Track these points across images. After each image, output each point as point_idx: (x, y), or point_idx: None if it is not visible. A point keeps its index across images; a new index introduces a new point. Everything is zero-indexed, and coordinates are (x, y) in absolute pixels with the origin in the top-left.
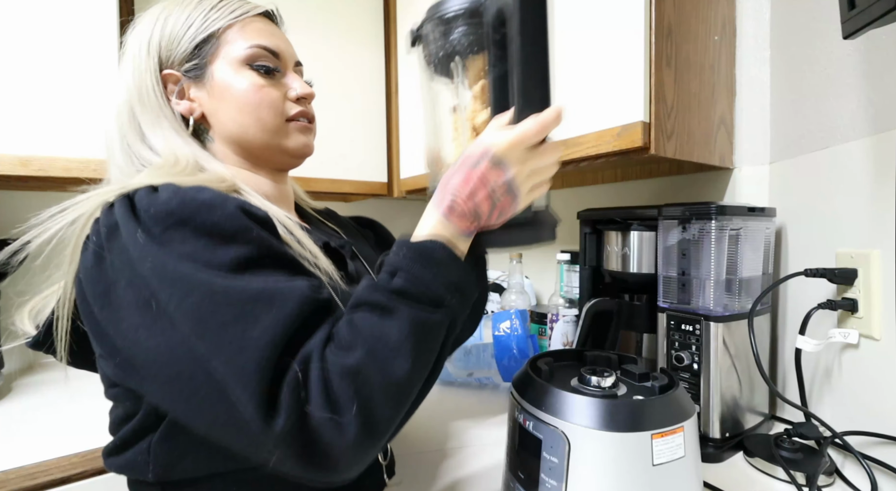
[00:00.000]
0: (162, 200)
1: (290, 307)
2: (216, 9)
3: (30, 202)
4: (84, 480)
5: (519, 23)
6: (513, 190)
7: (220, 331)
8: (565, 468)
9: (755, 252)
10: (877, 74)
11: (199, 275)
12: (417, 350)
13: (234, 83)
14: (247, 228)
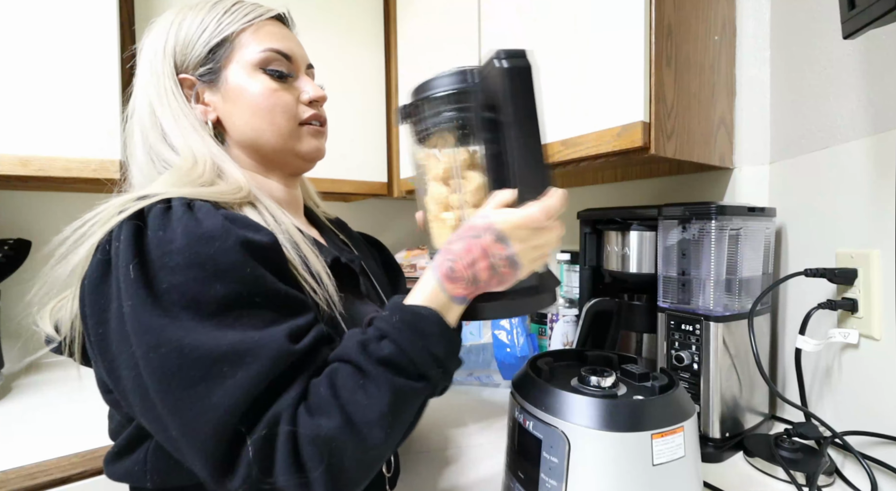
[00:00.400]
0: (170, 226)
1: (258, 366)
2: (229, 13)
3: (30, 202)
4: (84, 480)
5: (512, 110)
6: (515, 263)
7: (181, 392)
8: (565, 468)
9: (755, 252)
10: (877, 74)
11: (171, 328)
12: (395, 420)
13: (247, 87)
14: (241, 265)
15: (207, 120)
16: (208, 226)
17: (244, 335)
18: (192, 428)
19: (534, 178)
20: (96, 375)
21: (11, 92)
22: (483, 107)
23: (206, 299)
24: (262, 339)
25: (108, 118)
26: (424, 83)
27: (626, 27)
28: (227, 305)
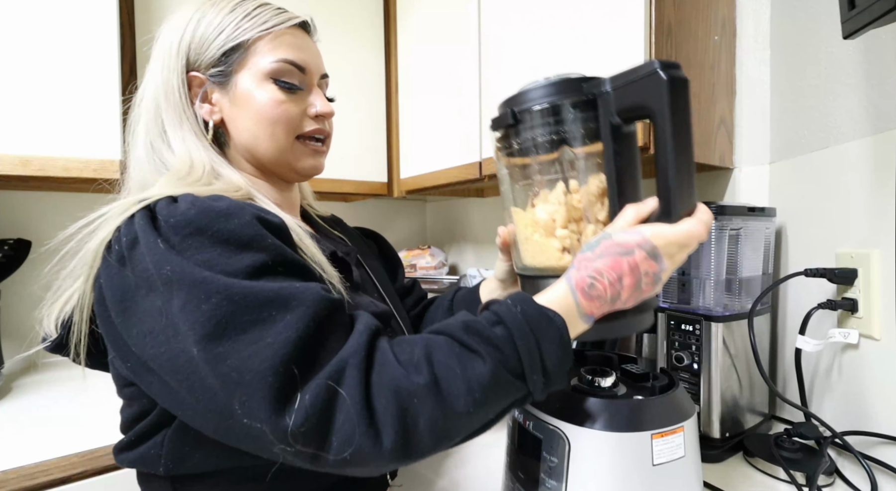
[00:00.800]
0: (181, 210)
1: (304, 309)
2: (249, 17)
3: (30, 202)
4: (84, 480)
5: (670, 123)
6: (658, 280)
7: (236, 336)
8: (565, 468)
9: (755, 252)
10: (877, 74)
11: (218, 279)
12: (481, 403)
13: (255, 95)
14: (262, 236)
15: (211, 120)
16: (223, 205)
17: (285, 283)
18: (249, 365)
19: (687, 192)
20: (113, 371)
21: (11, 92)
22: (616, 116)
23: (233, 270)
24: (302, 286)
25: (108, 118)
26: (529, 91)
27: (626, 27)
28: (254, 273)
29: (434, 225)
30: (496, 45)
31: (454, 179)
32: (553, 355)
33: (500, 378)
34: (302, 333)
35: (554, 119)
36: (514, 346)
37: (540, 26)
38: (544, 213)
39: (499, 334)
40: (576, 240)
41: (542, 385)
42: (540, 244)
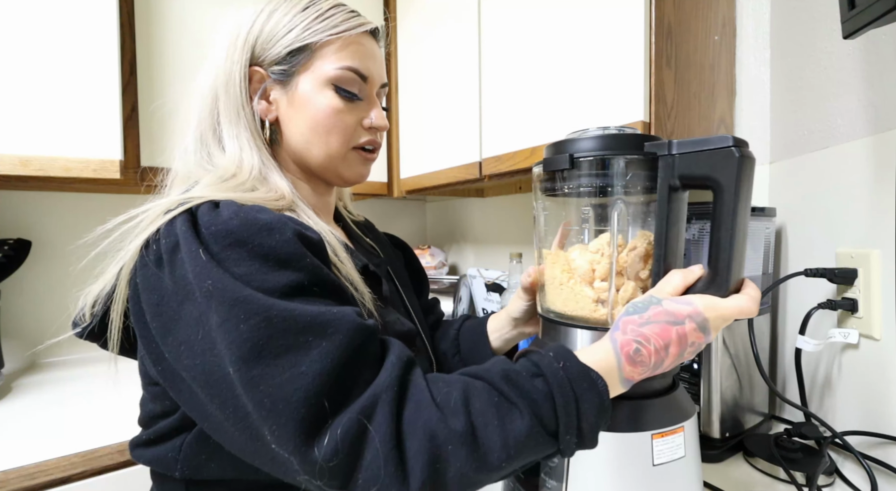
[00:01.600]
0: (223, 219)
1: (340, 337)
2: (321, 19)
3: (30, 202)
4: (84, 480)
5: (735, 198)
6: (699, 350)
7: (271, 361)
8: (565, 468)
9: (755, 252)
10: (877, 74)
11: (259, 299)
12: (513, 458)
13: (313, 100)
14: (301, 255)
15: (266, 119)
16: (266, 218)
17: (322, 308)
18: (282, 394)
19: (739, 268)
20: (140, 367)
21: (11, 92)
22: (677, 180)
23: (269, 288)
24: (339, 312)
25: (108, 118)
26: (588, 138)
27: (626, 27)
28: (290, 293)
29: (434, 225)
30: (496, 45)
31: (454, 179)
32: (591, 418)
33: (534, 434)
34: (336, 362)
35: (609, 171)
36: (552, 403)
37: (540, 26)
38: (584, 262)
39: (539, 388)
40: (615, 294)
41: (574, 445)
42: (574, 292)
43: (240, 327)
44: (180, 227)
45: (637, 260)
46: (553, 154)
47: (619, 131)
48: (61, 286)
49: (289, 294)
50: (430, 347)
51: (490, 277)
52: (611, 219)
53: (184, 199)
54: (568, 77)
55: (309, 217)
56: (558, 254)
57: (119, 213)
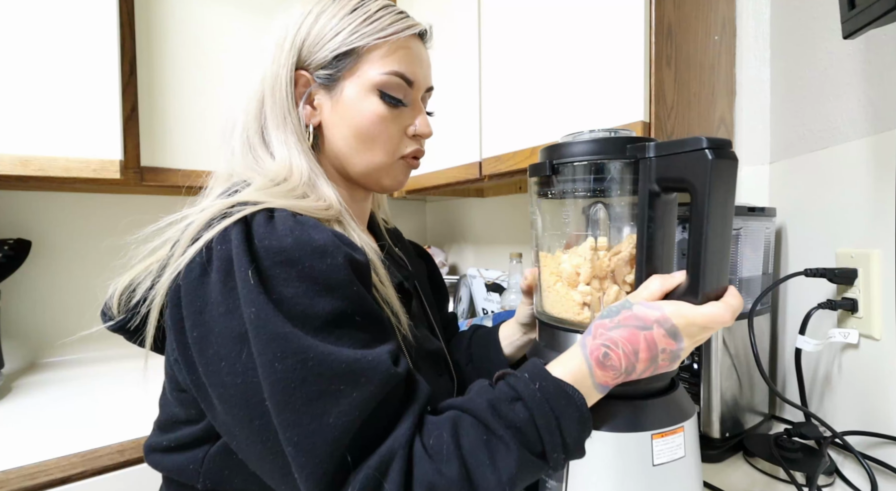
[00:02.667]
0: (277, 235)
1: (371, 387)
2: (368, 21)
3: (30, 202)
4: (84, 480)
5: (710, 201)
6: (676, 358)
7: (302, 406)
8: (565, 468)
9: (755, 252)
10: (877, 74)
11: (298, 337)
12: (511, 487)
13: (358, 106)
14: (349, 283)
15: (310, 123)
16: (320, 240)
17: (358, 354)
18: (308, 445)
19: (716, 273)
20: (168, 368)
21: (11, 92)
22: (655, 184)
23: (314, 314)
24: (374, 359)
25: (108, 118)
26: (572, 143)
27: (626, 27)
28: (332, 321)
29: (434, 225)
30: (496, 45)
31: (454, 179)
32: (573, 432)
33: (524, 462)
34: (363, 414)
35: (592, 176)
36: (535, 427)
37: (540, 26)
38: (569, 265)
39: (521, 416)
40: (597, 298)
41: (561, 460)
42: (561, 295)
43: (275, 365)
44: (234, 239)
45: (622, 264)
46: (542, 159)
47: (610, 134)
48: (61, 286)
49: (332, 322)
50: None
51: (490, 276)
52: (591, 222)
53: (239, 203)
54: (568, 77)
55: (353, 229)
56: (548, 257)
57: (119, 213)
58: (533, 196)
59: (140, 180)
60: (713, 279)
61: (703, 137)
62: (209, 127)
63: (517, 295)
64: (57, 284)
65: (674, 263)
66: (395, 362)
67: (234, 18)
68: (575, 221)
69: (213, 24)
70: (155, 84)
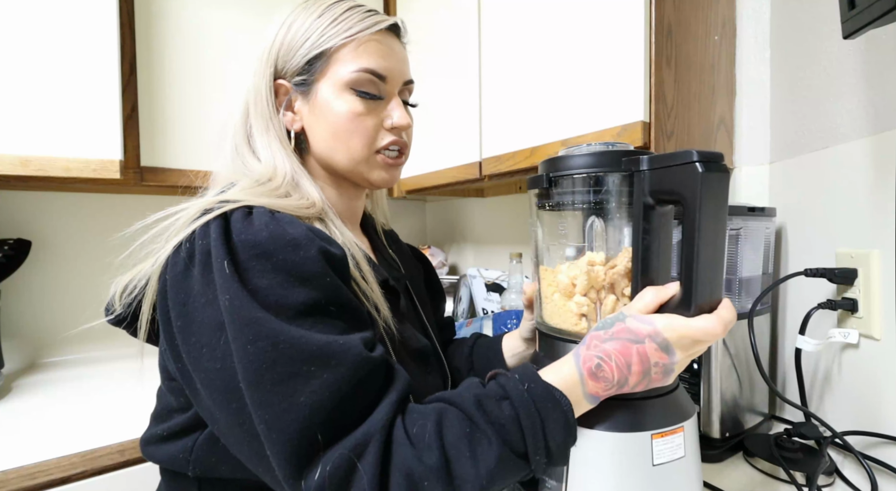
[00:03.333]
0: (254, 229)
1: (343, 369)
2: (335, 23)
3: (30, 202)
4: (84, 480)
5: (701, 214)
6: (670, 371)
7: (272, 387)
8: (565, 468)
9: (755, 252)
10: (877, 74)
11: (270, 322)
12: (489, 484)
13: (333, 106)
14: (322, 274)
15: (292, 129)
16: (294, 233)
17: (329, 338)
18: (278, 423)
19: (709, 286)
20: (160, 360)
21: (11, 92)
22: (649, 196)
23: (288, 303)
24: (345, 343)
25: (108, 118)
26: (569, 157)
27: (626, 27)
28: (306, 310)
29: (434, 225)
30: (496, 45)
31: (454, 179)
32: (557, 436)
33: (505, 460)
34: (335, 395)
35: (588, 189)
36: (519, 426)
37: (540, 26)
38: (565, 276)
39: (506, 414)
40: (593, 309)
41: (544, 465)
42: (559, 305)
43: (247, 348)
44: (213, 232)
45: (619, 277)
46: (541, 171)
47: (607, 148)
48: (61, 286)
49: (305, 312)
50: (443, 364)
51: (490, 276)
52: (588, 234)
53: (221, 201)
54: (568, 77)
55: (336, 227)
56: (547, 269)
57: (119, 213)
58: (532, 208)
59: (140, 180)
60: (706, 291)
61: (694, 151)
62: (209, 127)
63: (517, 295)
64: (57, 284)
65: (669, 274)
66: (370, 348)
67: (234, 19)
68: (573, 233)
69: (214, 24)
70: (155, 84)
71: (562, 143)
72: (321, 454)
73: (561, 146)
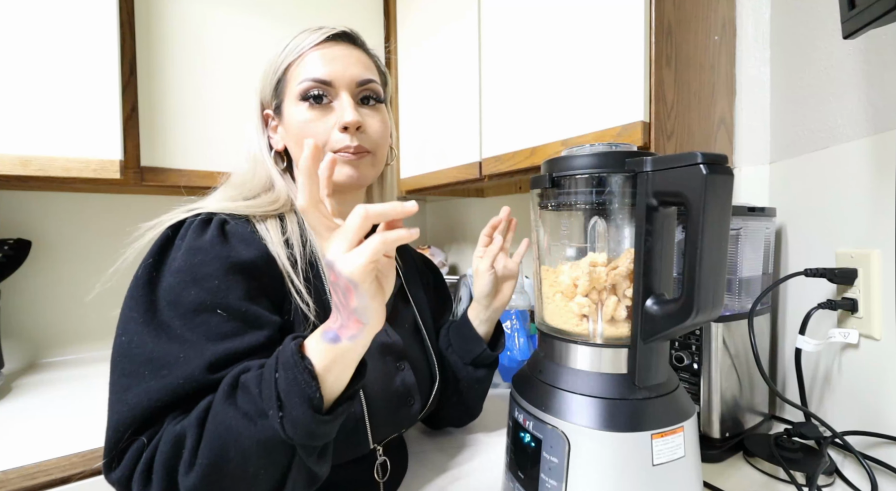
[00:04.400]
0: (189, 235)
1: (169, 380)
2: (287, 47)
3: (30, 202)
4: (84, 480)
5: (705, 217)
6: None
7: (114, 377)
8: (565, 468)
9: (755, 252)
10: (877, 74)
11: (133, 323)
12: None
13: (292, 118)
14: (210, 277)
15: (275, 148)
16: (202, 240)
17: (175, 350)
18: (112, 409)
19: (714, 288)
20: None
21: (11, 92)
22: (652, 197)
23: (181, 301)
24: (185, 358)
25: (108, 118)
26: (572, 157)
27: (626, 26)
28: (194, 309)
29: (434, 225)
30: (496, 46)
31: (454, 179)
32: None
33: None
34: (152, 401)
35: (591, 189)
36: (259, 383)
37: (540, 26)
38: (567, 277)
39: (251, 378)
40: (594, 310)
41: (278, 420)
42: (560, 306)
43: (115, 340)
44: (157, 240)
45: (621, 278)
46: (543, 171)
47: (610, 148)
48: (61, 286)
49: (195, 310)
50: (431, 367)
51: None
52: (588, 236)
53: (190, 207)
54: (568, 77)
55: (300, 225)
56: (549, 269)
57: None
58: (534, 208)
59: (140, 180)
60: (709, 292)
61: (699, 153)
62: (209, 127)
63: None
64: (57, 284)
65: (672, 276)
66: (215, 368)
67: (234, 19)
68: (575, 234)
69: (213, 24)
70: (155, 84)
71: (562, 143)
72: (126, 451)
73: (561, 146)
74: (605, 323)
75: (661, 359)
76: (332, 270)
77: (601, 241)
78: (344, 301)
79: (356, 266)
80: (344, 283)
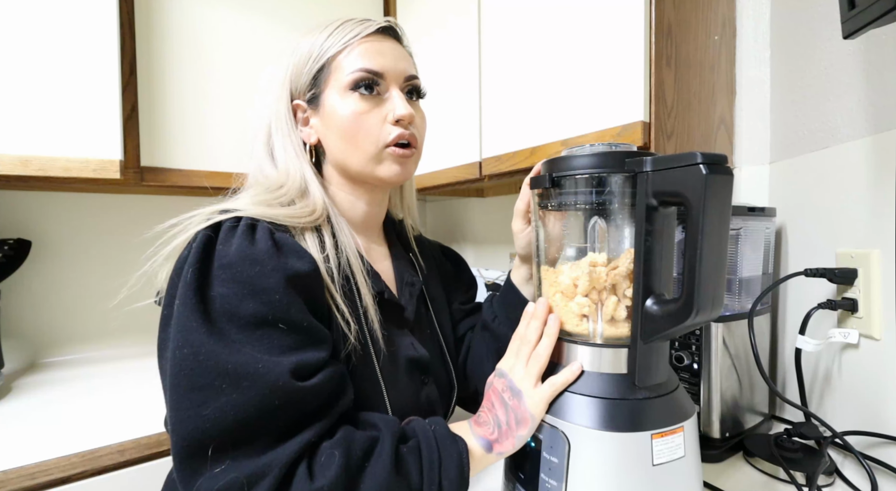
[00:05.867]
0: (230, 241)
1: (252, 393)
2: (331, 36)
3: (30, 202)
4: (84, 480)
5: (705, 217)
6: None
7: (184, 392)
8: (565, 468)
9: (755, 252)
10: (877, 74)
11: (197, 333)
12: None
13: (338, 110)
14: (272, 290)
15: (308, 143)
16: (257, 249)
17: (251, 358)
18: (180, 428)
19: (714, 288)
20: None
21: (11, 92)
22: (652, 197)
23: (239, 313)
24: (265, 367)
25: (108, 118)
26: (572, 157)
27: (626, 27)
28: (254, 323)
29: (434, 225)
30: (496, 46)
31: (454, 179)
32: (451, 472)
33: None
34: (238, 416)
35: (591, 189)
36: (419, 457)
37: (540, 26)
38: (567, 277)
39: (409, 446)
40: (594, 310)
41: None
42: (560, 306)
43: (175, 352)
44: (196, 244)
45: (621, 278)
46: (543, 171)
47: (610, 148)
48: (61, 286)
49: (254, 323)
50: (449, 372)
51: (490, 277)
52: (588, 236)
53: (222, 211)
54: (568, 77)
55: (337, 236)
56: (549, 269)
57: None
58: (535, 208)
59: (140, 180)
60: (708, 293)
61: (699, 153)
62: (209, 127)
63: None
64: (57, 284)
65: (672, 276)
66: (300, 376)
67: (234, 19)
68: (575, 234)
69: (213, 24)
70: (155, 84)
71: (562, 143)
72: (212, 467)
73: (561, 146)
74: (605, 323)
75: (661, 359)
76: (518, 400)
77: (601, 242)
78: (512, 425)
79: (544, 405)
80: (523, 414)
